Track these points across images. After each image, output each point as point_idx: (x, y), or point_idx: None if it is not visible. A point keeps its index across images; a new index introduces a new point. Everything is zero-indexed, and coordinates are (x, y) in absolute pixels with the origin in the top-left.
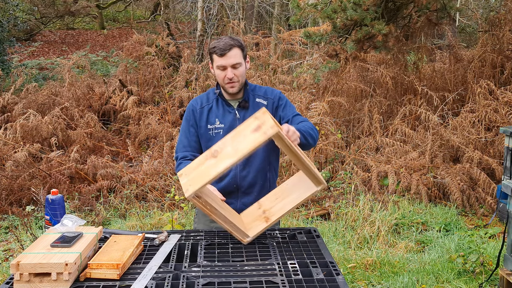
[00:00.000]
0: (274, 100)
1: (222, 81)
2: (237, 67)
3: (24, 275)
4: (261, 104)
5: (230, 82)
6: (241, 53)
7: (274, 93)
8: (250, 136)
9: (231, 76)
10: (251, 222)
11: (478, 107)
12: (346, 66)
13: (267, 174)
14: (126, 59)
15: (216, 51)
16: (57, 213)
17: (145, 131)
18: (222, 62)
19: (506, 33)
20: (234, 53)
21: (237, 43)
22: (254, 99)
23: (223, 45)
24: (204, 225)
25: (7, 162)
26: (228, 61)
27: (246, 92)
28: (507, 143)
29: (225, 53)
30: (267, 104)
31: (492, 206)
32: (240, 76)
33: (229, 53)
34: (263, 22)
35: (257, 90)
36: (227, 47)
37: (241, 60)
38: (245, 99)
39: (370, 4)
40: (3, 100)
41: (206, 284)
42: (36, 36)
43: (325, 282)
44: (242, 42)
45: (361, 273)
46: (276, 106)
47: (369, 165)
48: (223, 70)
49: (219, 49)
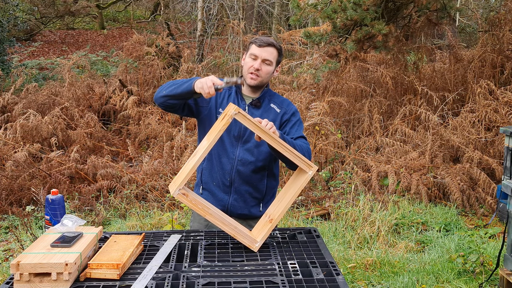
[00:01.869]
0: (287, 113)
1: (247, 69)
2: (267, 64)
3: (24, 275)
4: (273, 110)
5: (253, 73)
6: (276, 55)
7: (290, 106)
8: (218, 125)
9: (258, 67)
10: (260, 229)
11: (478, 107)
12: (346, 66)
13: (265, 179)
14: (126, 59)
15: (256, 41)
16: (57, 213)
17: (145, 131)
18: (257, 52)
19: (506, 33)
20: (271, 51)
21: (278, 46)
22: (269, 103)
23: (265, 40)
24: (199, 223)
25: (7, 162)
26: (262, 54)
27: (263, 94)
28: (507, 143)
29: (264, 46)
30: (280, 112)
31: (492, 206)
32: (265, 73)
33: (267, 48)
34: (263, 22)
35: (275, 97)
36: (269, 43)
37: (274, 60)
38: (259, 99)
39: (370, 4)
40: (3, 100)
41: (206, 284)
42: (36, 36)
43: (325, 282)
44: (282, 49)
45: (361, 273)
46: (286, 119)
47: (369, 165)
48: (254, 59)
49: (260, 41)
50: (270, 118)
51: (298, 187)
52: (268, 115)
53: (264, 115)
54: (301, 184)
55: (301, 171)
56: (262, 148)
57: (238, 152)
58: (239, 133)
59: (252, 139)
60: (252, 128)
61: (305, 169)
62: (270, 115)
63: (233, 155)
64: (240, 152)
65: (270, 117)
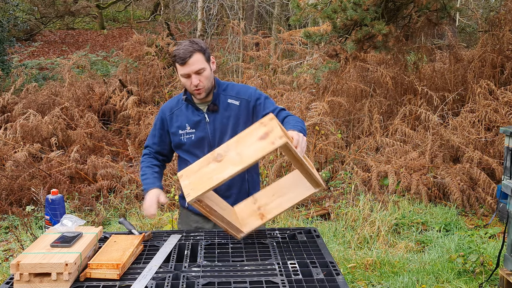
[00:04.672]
0: (250, 100)
1: (189, 89)
2: (201, 72)
3: (24, 275)
4: (233, 105)
5: (196, 89)
6: (203, 57)
7: (248, 92)
8: (257, 144)
9: (196, 83)
10: (246, 217)
11: (478, 107)
12: (346, 66)
13: (245, 175)
14: (126, 59)
15: (177, 60)
16: (57, 213)
17: (145, 131)
18: (185, 70)
19: (506, 33)
20: (196, 59)
21: (197, 48)
22: (226, 100)
23: (182, 53)
24: (187, 225)
25: (7, 162)
26: (191, 68)
27: (215, 95)
28: (507, 143)
29: (186, 61)
30: (240, 104)
31: (492, 206)
32: (205, 80)
33: (190, 60)
34: (263, 22)
35: (229, 90)
36: (187, 54)
37: (204, 64)
38: (214, 102)
39: (370, 4)
40: (3, 100)
41: (206, 284)
42: (36, 36)
43: (325, 282)
44: (203, 44)
45: (361, 273)
46: (253, 105)
47: (369, 165)
48: (187, 78)
49: (179, 58)
50: (234, 115)
51: (299, 197)
52: (230, 113)
53: (225, 115)
54: (303, 198)
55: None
56: None
57: None
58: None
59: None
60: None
61: (313, 185)
62: (231, 112)
63: None
64: None
65: (232, 114)
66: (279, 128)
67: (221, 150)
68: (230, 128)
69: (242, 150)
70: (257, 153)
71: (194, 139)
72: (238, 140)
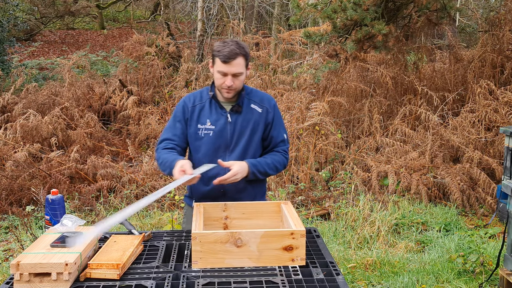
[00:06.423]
0: (269, 113)
1: (219, 86)
2: (238, 76)
3: (24, 275)
4: (255, 110)
5: (227, 89)
6: (244, 62)
7: (271, 104)
8: (279, 253)
9: (230, 84)
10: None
11: (478, 107)
12: (346, 66)
13: (257, 181)
14: (126, 59)
15: (220, 57)
16: (57, 213)
17: (145, 131)
18: (224, 69)
19: (506, 33)
20: (238, 62)
21: (242, 52)
22: (249, 104)
23: (228, 52)
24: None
25: (7, 162)
26: (231, 69)
27: (241, 97)
28: (507, 143)
29: (229, 61)
30: (262, 112)
31: (492, 206)
32: (239, 84)
33: (234, 61)
34: (263, 22)
35: (253, 95)
36: (232, 56)
37: (243, 69)
38: (239, 103)
39: (370, 4)
40: (3, 100)
41: (206, 284)
42: (36, 36)
43: (325, 282)
44: (247, 50)
45: (361, 273)
46: (272, 119)
47: (369, 165)
48: (223, 76)
49: (224, 56)
50: (254, 120)
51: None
52: (251, 118)
53: (246, 118)
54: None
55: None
56: (250, 152)
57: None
58: (225, 141)
59: (239, 147)
60: None
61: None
62: (253, 117)
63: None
64: (228, 161)
65: (253, 119)
66: (304, 248)
67: (245, 236)
68: (248, 132)
69: (264, 249)
70: (275, 261)
71: (212, 135)
72: (265, 236)
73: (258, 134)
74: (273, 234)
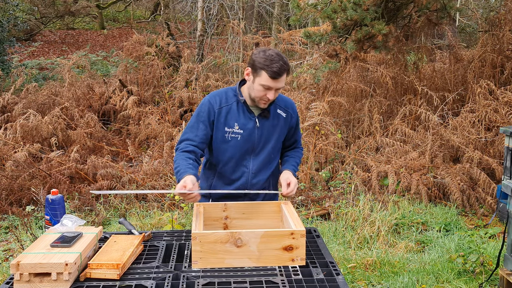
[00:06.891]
0: (293, 118)
1: (259, 97)
2: (279, 90)
3: (24, 275)
4: (280, 115)
5: (266, 101)
6: (286, 77)
7: (294, 108)
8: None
9: (272, 98)
10: (211, 219)
11: (478, 107)
12: (346, 66)
13: (271, 181)
14: (126, 59)
15: (269, 72)
16: (57, 213)
17: (145, 131)
18: (271, 84)
19: (506, 33)
20: (283, 77)
21: (287, 68)
22: (276, 110)
23: (278, 69)
24: None
25: (7, 162)
26: (277, 85)
27: (270, 103)
28: (507, 143)
29: (278, 78)
30: (286, 117)
31: (492, 206)
32: (276, 96)
33: (281, 78)
34: (263, 22)
35: (279, 100)
36: (282, 72)
37: (284, 84)
38: (268, 109)
39: (370, 4)
40: (3, 100)
41: (206, 284)
42: (36, 36)
43: (325, 282)
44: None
45: (361, 273)
46: (295, 123)
47: (369, 165)
48: (267, 89)
49: (274, 72)
50: (280, 125)
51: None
52: (278, 123)
53: (273, 124)
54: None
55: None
56: (273, 155)
57: (251, 165)
58: (252, 145)
59: (264, 151)
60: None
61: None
62: (279, 122)
63: (246, 169)
64: (253, 165)
65: (279, 124)
66: (304, 248)
67: (245, 236)
68: (274, 138)
69: (264, 249)
70: (275, 261)
71: (240, 139)
72: (265, 236)
73: (282, 138)
74: (273, 234)
